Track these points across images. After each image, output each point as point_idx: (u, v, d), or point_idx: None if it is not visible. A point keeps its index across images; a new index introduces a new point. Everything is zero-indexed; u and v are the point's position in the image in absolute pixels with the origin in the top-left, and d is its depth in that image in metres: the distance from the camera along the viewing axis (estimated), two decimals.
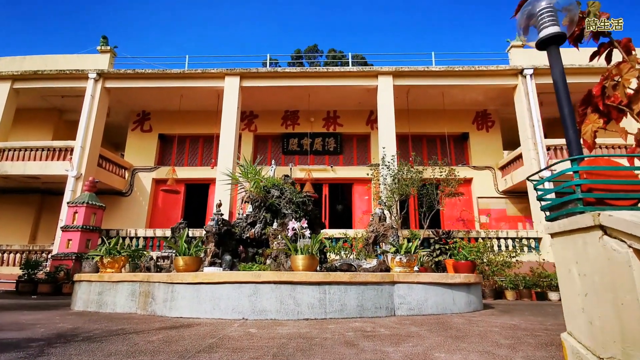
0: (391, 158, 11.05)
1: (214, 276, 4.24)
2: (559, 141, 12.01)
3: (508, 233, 11.19)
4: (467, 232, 11.20)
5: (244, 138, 15.24)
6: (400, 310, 4.60)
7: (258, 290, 4.18)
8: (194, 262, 4.53)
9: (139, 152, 15.22)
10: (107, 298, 4.99)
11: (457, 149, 15.29)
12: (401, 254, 4.76)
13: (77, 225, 10.74)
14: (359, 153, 15.32)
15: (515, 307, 6.28)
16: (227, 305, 4.16)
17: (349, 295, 4.32)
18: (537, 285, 9.50)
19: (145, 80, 12.98)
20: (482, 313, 5.05)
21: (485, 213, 13.77)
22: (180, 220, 7.52)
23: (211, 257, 5.86)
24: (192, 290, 4.31)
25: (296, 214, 6.47)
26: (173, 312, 4.33)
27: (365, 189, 14.08)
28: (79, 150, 12.38)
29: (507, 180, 13.59)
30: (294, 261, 4.35)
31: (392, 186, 10.51)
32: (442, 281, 4.86)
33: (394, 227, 6.99)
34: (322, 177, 14.31)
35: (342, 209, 17.01)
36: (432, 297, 4.76)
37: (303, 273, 4.23)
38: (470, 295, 5.22)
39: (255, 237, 6.34)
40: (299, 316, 4.11)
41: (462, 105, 14.72)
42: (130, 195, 14.70)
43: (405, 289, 4.68)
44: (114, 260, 5.09)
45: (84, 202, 10.90)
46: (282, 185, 6.74)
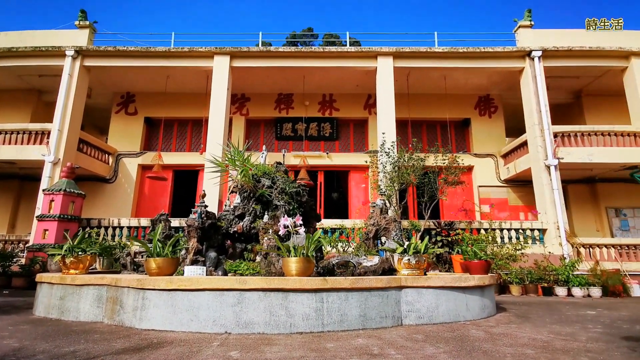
0: (391, 144, 10.38)
1: (191, 282, 3.60)
2: (567, 128, 11.42)
3: (512, 224, 10.68)
4: (469, 223, 10.66)
5: (235, 122, 14.45)
6: (408, 319, 4.01)
7: (243, 299, 3.54)
8: (170, 265, 3.88)
9: (123, 137, 14.37)
10: (69, 304, 4.33)
11: (458, 136, 14.66)
12: (409, 254, 4.14)
13: (54, 214, 10.00)
14: (356, 139, 14.62)
15: (530, 309, 5.75)
16: (207, 317, 3.53)
17: (350, 304, 3.70)
18: (544, 280, 9.03)
19: (127, 59, 12.06)
20: (498, 320, 4.48)
21: (486, 202, 13.25)
22: (162, 212, 6.82)
23: (193, 254, 5.21)
24: (166, 297, 3.66)
25: (289, 205, 5.81)
26: (144, 324, 3.69)
27: (363, 177, 13.44)
28: (57, 134, 11.53)
29: (509, 168, 13.03)
30: (286, 265, 3.71)
31: (391, 174, 9.87)
32: (455, 285, 4.27)
33: (396, 220, 6.38)
34: (317, 164, 13.63)
35: (337, 197, 16.40)
36: (443, 303, 4.18)
37: (297, 279, 3.60)
38: (484, 299, 4.65)
39: (243, 232, 5.69)
40: (291, 329, 3.50)
41: (465, 90, 14.03)
42: (115, 182, 13.92)
43: (414, 294, 4.09)
44: (78, 259, 4.43)
45: (61, 189, 10.14)
46: (273, 173, 6.06)
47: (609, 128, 11.32)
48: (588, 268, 9.50)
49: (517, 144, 12.59)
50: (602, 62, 11.78)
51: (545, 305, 6.45)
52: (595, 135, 11.40)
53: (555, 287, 8.80)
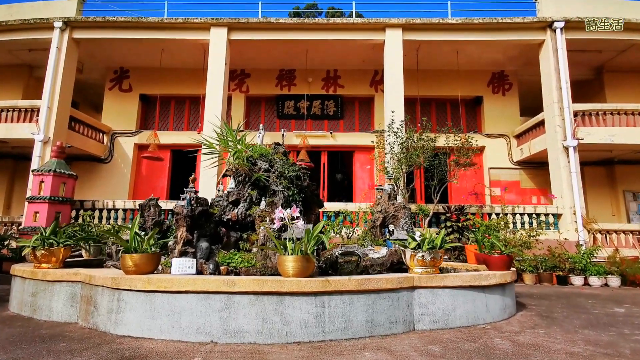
0: (400, 124, 9.72)
1: (172, 282, 3.10)
2: (588, 106, 10.68)
3: (525, 209, 10.11)
4: (479, 208, 10.11)
5: (235, 100, 13.77)
6: (421, 324, 3.52)
7: (232, 304, 3.06)
8: (149, 261, 3.39)
9: (118, 115, 13.76)
10: (42, 301, 3.88)
11: (469, 115, 13.91)
12: (424, 250, 3.62)
13: (44, 196, 9.56)
14: (361, 118, 13.93)
15: (551, 305, 5.26)
16: (190, 323, 3.05)
17: (356, 308, 3.21)
18: (558, 268, 8.54)
19: (118, 30, 11.31)
20: (521, 322, 3.99)
21: (496, 185, 12.64)
22: (152, 196, 6.32)
23: (182, 245, 4.72)
24: (143, 300, 3.18)
25: (289, 191, 5.28)
26: (119, 329, 3.23)
27: (369, 158, 12.83)
28: (46, 111, 10.96)
29: (523, 149, 12.35)
30: (281, 264, 3.20)
31: (399, 155, 9.27)
32: (475, 284, 3.76)
33: (405, 207, 5.83)
34: (320, 144, 13.00)
35: (342, 178, 15.84)
36: (461, 305, 3.68)
37: (294, 280, 3.09)
38: (505, 298, 4.15)
39: (238, 219, 5.19)
40: (287, 338, 3.02)
41: (478, 66, 13.19)
42: (111, 162, 13.42)
43: (429, 295, 3.58)
44: (50, 252, 3.95)
45: (51, 170, 9.65)
46: (271, 155, 5.50)
47: (634, 107, 10.56)
48: (606, 255, 8.98)
49: (532, 124, 11.86)
50: (628, 36, 10.87)
51: (565, 298, 5.97)
52: (618, 114, 10.65)
53: (571, 276, 8.31)
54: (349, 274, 5.08)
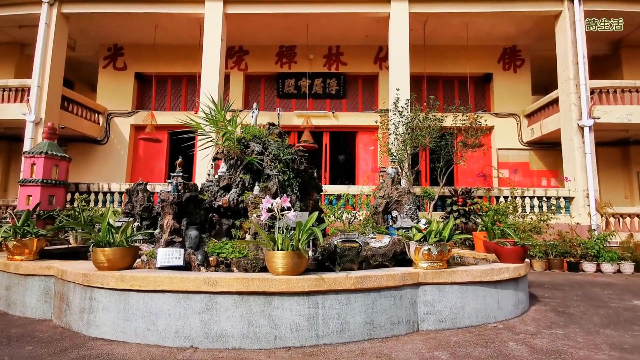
0: (405, 102, 9.21)
1: (147, 281, 2.77)
2: (606, 83, 10.06)
3: (535, 191, 9.68)
4: (487, 190, 9.70)
5: (233, 78, 13.23)
6: (426, 324, 3.19)
7: (214, 305, 2.73)
8: (123, 256, 3.05)
9: (113, 94, 13.31)
10: (15, 296, 3.59)
11: (477, 93, 13.29)
12: (430, 243, 3.25)
13: (36, 179, 9.26)
14: (364, 97, 13.36)
15: (565, 297, 4.92)
16: (168, 326, 2.74)
17: (353, 309, 2.87)
18: (570, 254, 8.18)
19: (108, 4, 10.72)
20: (535, 320, 3.66)
21: (504, 167, 12.16)
22: (140, 180, 5.98)
23: (169, 234, 4.39)
24: (117, 299, 2.87)
25: (284, 175, 4.89)
26: (92, 330, 2.93)
27: (372, 139, 12.35)
28: (36, 90, 10.54)
29: (534, 129, 11.80)
30: (269, 260, 2.85)
31: (404, 136, 8.81)
32: (486, 279, 3.41)
33: (410, 192, 5.44)
34: (322, 124, 12.52)
35: (344, 160, 15.41)
36: (470, 302, 3.34)
37: (283, 279, 2.74)
38: (518, 293, 3.80)
39: (230, 206, 4.83)
40: (276, 343, 2.70)
41: (488, 40, 12.48)
42: (107, 144, 13.07)
43: (435, 292, 3.24)
44: (23, 244, 3.64)
45: (42, 152, 9.32)
46: (265, 137, 5.09)
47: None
48: (619, 240, 8.59)
49: (545, 102, 11.27)
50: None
51: (579, 288, 5.63)
52: (637, 91, 10.03)
53: (583, 263, 7.96)
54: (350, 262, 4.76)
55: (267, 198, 2.94)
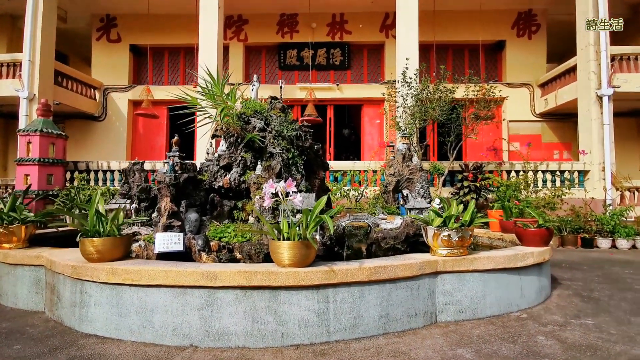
0: (414, 73, 8.70)
1: (140, 274, 2.52)
2: (628, 49, 9.45)
3: (549, 165, 9.30)
4: (498, 165, 9.33)
5: (232, 50, 12.64)
6: (445, 315, 2.96)
7: (214, 300, 2.48)
8: (114, 247, 2.79)
9: (109, 68, 12.79)
10: (6, 286, 3.39)
11: (488, 62, 12.65)
12: (450, 228, 2.96)
13: (33, 158, 8.99)
14: (370, 68, 12.77)
15: (586, 278, 4.69)
16: (165, 323, 2.51)
17: (367, 302, 2.63)
18: (584, 230, 7.92)
19: None
20: (560, 307, 3.42)
21: (515, 140, 11.72)
22: (136, 159, 5.68)
23: (167, 217, 4.13)
24: (109, 294, 2.63)
25: (288, 153, 4.57)
26: (84, 326, 2.71)
27: (378, 112, 11.87)
28: (28, 65, 10.10)
29: (548, 100, 11.27)
30: (274, 251, 2.58)
31: (413, 109, 8.37)
32: (510, 265, 3.14)
33: (422, 169, 5.12)
34: (326, 97, 12.03)
35: (349, 134, 14.99)
36: (492, 291, 3.09)
37: (290, 272, 2.48)
38: (542, 279, 3.55)
39: (231, 186, 4.55)
40: (283, 341, 2.47)
41: (502, 4, 11.73)
42: (105, 120, 12.69)
43: (454, 281, 2.98)
44: (10, 231, 3.40)
45: (37, 130, 8.99)
46: (267, 112, 4.73)
47: None
48: (635, 215, 8.29)
49: (561, 71, 10.68)
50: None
51: (599, 268, 5.39)
52: None
53: (598, 239, 7.71)
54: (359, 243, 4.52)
55: (271, 182, 2.63)
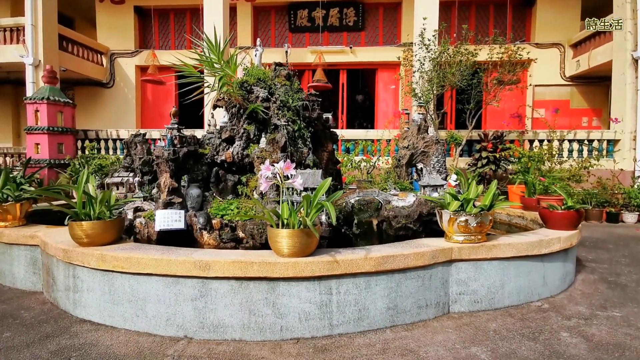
0: (433, 35, 8.05)
1: (129, 262, 2.36)
2: None
3: (576, 134, 8.72)
4: (521, 134, 8.80)
5: (240, 11, 11.97)
6: (458, 305, 2.74)
7: (209, 291, 2.31)
8: (105, 230, 2.61)
9: (114, 32, 12.37)
10: (4, 265, 3.32)
11: (516, 20, 11.67)
12: (468, 213, 2.67)
13: (42, 126, 8.91)
14: (386, 29, 11.98)
15: (612, 258, 4.39)
16: (158, 313, 2.37)
17: (374, 293, 2.42)
18: (609, 203, 7.48)
19: None
20: (585, 294, 3.16)
21: (541, 106, 11.01)
22: (138, 130, 5.47)
23: (167, 194, 3.95)
24: (101, 280, 2.49)
25: (294, 124, 4.27)
26: (78, 310, 2.61)
27: (394, 78, 11.25)
28: (31, 30, 9.79)
29: (580, 61, 10.42)
30: (272, 239, 2.36)
31: (431, 74, 7.81)
32: (533, 253, 2.86)
33: (439, 142, 4.75)
34: (338, 61, 11.42)
35: (362, 99, 14.41)
36: (512, 280, 2.84)
37: (290, 262, 2.27)
38: (566, 265, 3.27)
39: (234, 160, 4.31)
40: (282, 334, 2.31)
41: None
42: (113, 87, 12.46)
43: (470, 270, 2.74)
44: (4, 209, 3.27)
45: (44, 97, 8.85)
46: (271, 80, 4.39)
47: None
48: None
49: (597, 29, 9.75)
50: None
51: (624, 245, 5.06)
52: None
53: (624, 213, 7.29)
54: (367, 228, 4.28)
55: (267, 164, 2.36)
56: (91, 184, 2.82)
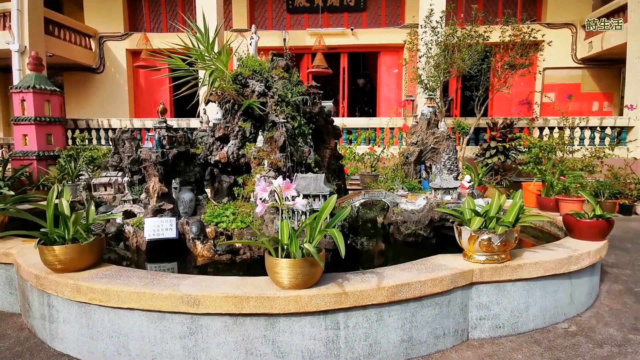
0: (440, 16, 7.56)
1: (108, 295, 2.06)
2: None
3: (589, 121, 8.33)
4: (531, 121, 8.42)
5: None
6: (478, 331, 2.47)
7: (199, 329, 2.03)
8: (81, 255, 2.29)
9: (102, 13, 11.78)
10: None
11: None
12: (492, 230, 2.36)
13: (29, 117, 8.50)
14: (389, 9, 11.39)
15: (635, 262, 4.11)
16: (143, 351, 2.09)
17: (387, 325, 2.14)
18: (622, 195, 7.18)
19: None
20: (613, 311, 2.89)
21: (550, 90, 10.57)
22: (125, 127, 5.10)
23: (157, 200, 3.64)
24: (78, 311, 2.21)
25: (293, 121, 3.92)
26: (56, 343, 2.34)
27: (397, 62, 10.75)
28: (16, 15, 9.26)
29: (593, 43, 9.92)
30: (271, 270, 2.05)
31: (438, 59, 7.37)
32: (562, 271, 2.57)
33: (450, 138, 4.41)
34: (339, 44, 10.89)
35: (364, 84, 13.93)
36: (537, 301, 2.57)
37: (291, 296, 1.98)
38: (593, 279, 3.00)
39: (229, 161, 3.97)
40: None
41: None
42: (104, 72, 11.96)
43: (493, 293, 2.46)
44: None
45: (30, 86, 8.41)
46: (268, 72, 4.00)
47: None
48: None
49: (611, 9, 9.25)
50: None
51: None
52: None
53: (638, 205, 7.00)
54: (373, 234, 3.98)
55: (262, 184, 2.02)
56: (65, 198, 2.50)
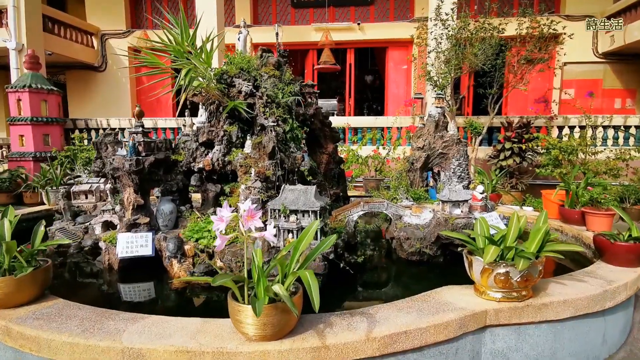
0: (451, 8, 7.06)
1: (38, 343, 1.70)
2: None
3: (612, 119, 7.74)
4: (549, 120, 7.86)
5: None
6: None
7: None
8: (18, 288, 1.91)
9: (104, 10, 11.55)
10: None
11: None
12: (511, 263, 1.94)
13: (25, 117, 8.29)
14: (397, 2, 10.87)
15: None
16: None
17: None
18: None
19: None
20: None
21: (569, 86, 9.94)
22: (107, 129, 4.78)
23: (132, 212, 3.29)
24: (12, 356, 1.86)
25: (285, 124, 3.53)
26: None
27: (406, 58, 10.24)
28: (13, 11, 9.03)
29: (615, 36, 9.26)
30: (234, 317, 1.64)
31: (448, 54, 6.88)
32: (595, 310, 2.13)
33: (461, 142, 3.96)
34: (345, 39, 10.43)
35: (372, 80, 13.44)
36: (565, 346, 2.14)
37: (257, 351, 1.59)
38: (628, 312, 2.55)
39: (214, 168, 3.60)
40: None
41: None
42: (106, 71, 11.73)
43: (511, 337, 2.03)
44: None
45: (26, 85, 8.20)
46: (256, 70, 3.61)
47: None
48: None
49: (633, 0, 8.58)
50: None
51: None
52: None
53: None
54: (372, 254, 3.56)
55: (220, 214, 1.61)
56: (9, 218, 2.15)
